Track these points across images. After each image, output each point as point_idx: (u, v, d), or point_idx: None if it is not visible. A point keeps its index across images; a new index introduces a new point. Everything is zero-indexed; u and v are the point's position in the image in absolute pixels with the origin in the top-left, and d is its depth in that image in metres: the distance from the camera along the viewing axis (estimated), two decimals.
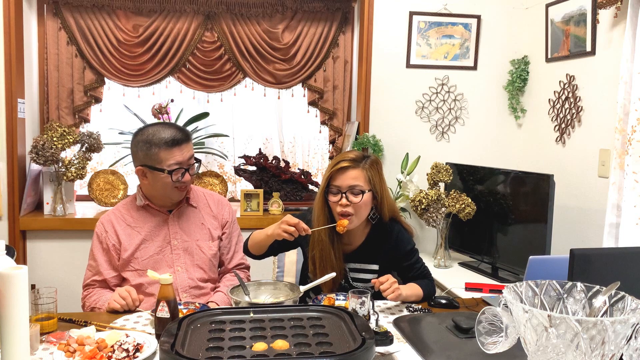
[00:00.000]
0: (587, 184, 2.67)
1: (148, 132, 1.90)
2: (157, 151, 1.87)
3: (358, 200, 1.87)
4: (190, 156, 1.94)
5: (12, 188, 2.88)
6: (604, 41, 2.56)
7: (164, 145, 1.87)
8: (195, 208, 2.05)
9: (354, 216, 1.88)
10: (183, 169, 1.91)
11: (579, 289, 1.13)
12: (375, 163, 1.95)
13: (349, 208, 1.87)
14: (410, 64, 3.20)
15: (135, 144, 1.92)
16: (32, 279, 2.90)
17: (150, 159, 1.89)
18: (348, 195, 1.86)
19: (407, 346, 1.52)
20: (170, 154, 1.88)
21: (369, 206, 1.93)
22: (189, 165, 1.93)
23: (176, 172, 1.90)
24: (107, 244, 1.94)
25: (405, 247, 2.00)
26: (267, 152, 3.42)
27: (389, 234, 1.99)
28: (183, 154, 1.90)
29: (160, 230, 1.98)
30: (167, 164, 1.88)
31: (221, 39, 3.25)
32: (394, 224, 2.01)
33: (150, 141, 1.88)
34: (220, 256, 2.09)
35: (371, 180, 1.90)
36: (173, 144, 1.88)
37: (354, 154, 1.94)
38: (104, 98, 3.27)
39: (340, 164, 1.90)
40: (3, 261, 1.35)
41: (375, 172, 1.92)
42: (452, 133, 3.29)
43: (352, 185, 1.87)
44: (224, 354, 1.26)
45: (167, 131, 1.90)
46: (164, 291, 1.54)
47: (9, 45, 2.82)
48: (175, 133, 1.90)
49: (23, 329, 1.28)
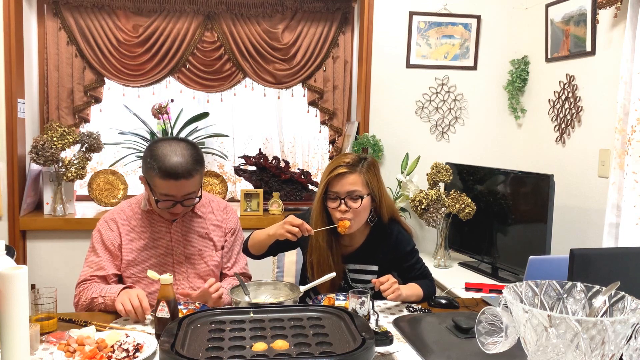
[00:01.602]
0: (587, 184, 2.67)
1: (159, 151, 1.79)
2: (154, 175, 1.78)
3: (357, 205, 1.85)
4: (188, 192, 1.81)
5: (12, 188, 2.88)
6: (604, 41, 2.56)
7: (161, 173, 1.76)
8: (199, 217, 1.99)
9: (353, 221, 1.86)
10: (173, 201, 1.81)
11: (579, 289, 1.13)
12: (372, 165, 1.93)
13: (348, 214, 1.85)
14: (410, 64, 3.20)
15: (146, 153, 1.84)
16: (32, 279, 2.90)
17: (149, 177, 1.81)
18: (347, 201, 1.85)
19: (407, 346, 1.52)
20: (165, 184, 1.77)
21: (368, 210, 1.91)
22: (183, 199, 1.82)
23: (164, 202, 1.81)
24: (111, 243, 1.90)
25: (405, 248, 1.99)
26: (267, 152, 3.42)
27: (389, 234, 1.98)
28: (178, 188, 1.78)
29: (162, 238, 1.93)
30: (158, 191, 1.80)
31: (221, 39, 3.25)
32: (393, 224, 2.00)
33: (153, 161, 1.78)
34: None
35: (369, 183, 1.88)
36: (170, 177, 1.76)
37: (350, 158, 1.91)
38: (104, 98, 3.27)
39: (337, 169, 1.87)
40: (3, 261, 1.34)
41: (372, 174, 1.90)
42: (452, 133, 3.29)
43: (350, 191, 1.85)
44: (224, 354, 1.26)
45: (173, 160, 1.76)
46: (164, 291, 1.54)
47: (9, 45, 2.82)
48: (179, 166, 1.75)
49: (23, 329, 1.28)
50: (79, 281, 1.89)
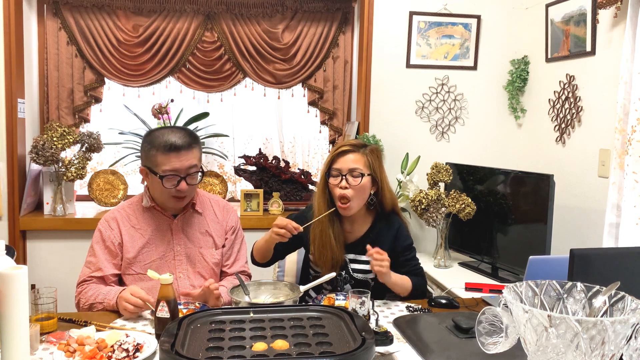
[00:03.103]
0: (587, 184, 2.67)
1: (155, 133, 1.87)
2: (154, 154, 1.83)
3: (357, 182, 1.92)
4: (190, 165, 1.84)
5: (12, 188, 2.88)
6: (604, 41, 2.56)
7: (162, 149, 1.81)
8: (200, 215, 2.00)
9: (353, 200, 1.93)
10: (178, 177, 1.83)
11: (579, 289, 1.13)
12: (375, 150, 2.03)
13: (348, 191, 1.92)
14: (410, 64, 3.20)
15: (142, 143, 1.92)
16: (32, 279, 2.90)
17: (150, 160, 1.85)
18: (348, 177, 1.93)
19: (407, 346, 1.53)
20: (166, 159, 1.81)
21: (367, 191, 1.98)
22: (187, 174, 1.84)
23: (169, 179, 1.82)
24: (111, 242, 1.91)
25: (405, 241, 2.04)
26: (267, 152, 3.42)
27: (391, 225, 2.04)
28: (181, 161, 1.82)
29: (163, 235, 1.95)
30: (161, 168, 1.82)
31: (221, 39, 3.25)
32: (395, 216, 2.06)
33: (152, 142, 1.84)
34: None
35: (371, 165, 1.97)
36: (170, 149, 1.80)
37: (354, 141, 2.05)
38: (104, 98, 3.27)
39: (341, 148, 1.98)
40: (3, 261, 1.35)
41: (375, 158, 2.00)
42: (452, 133, 3.29)
43: (352, 168, 1.93)
44: (224, 354, 1.26)
45: (170, 135, 1.83)
46: (164, 291, 1.54)
47: (9, 45, 2.82)
48: (177, 138, 1.82)
49: (23, 329, 1.28)
50: (78, 281, 1.92)
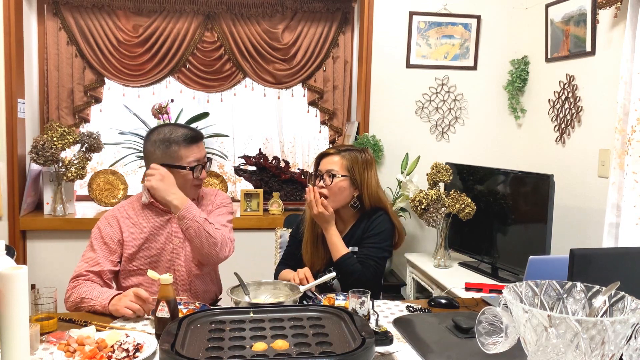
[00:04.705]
0: (587, 184, 2.67)
1: (164, 131, 1.96)
2: (177, 149, 1.93)
3: (329, 183, 2.03)
4: (205, 154, 2.03)
5: (12, 188, 2.88)
6: (603, 41, 2.55)
7: (184, 142, 1.93)
8: (199, 205, 2.05)
9: (329, 199, 2.03)
10: (201, 165, 1.99)
11: (579, 289, 1.13)
12: (360, 156, 2.08)
13: (324, 190, 2.03)
14: (410, 64, 3.20)
15: (152, 144, 1.95)
16: (32, 279, 2.90)
17: (170, 157, 1.93)
18: (325, 177, 2.05)
19: (407, 346, 1.52)
20: (190, 151, 1.95)
21: (344, 192, 2.05)
22: (204, 163, 2.01)
23: (197, 169, 1.97)
24: (110, 238, 1.92)
25: (374, 229, 2.06)
26: (267, 152, 3.42)
27: (370, 217, 2.08)
28: (200, 151, 1.99)
29: (163, 229, 1.98)
30: (187, 160, 1.94)
31: (221, 39, 3.25)
32: (378, 211, 2.09)
33: (169, 139, 1.93)
34: None
35: (349, 168, 2.05)
36: (192, 141, 1.95)
37: (342, 145, 2.14)
38: (104, 98, 3.27)
39: (325, 151, 2.14)
40: (3, 261, 1.34)
41: (356, 163, 2.06)
42: (452, 133, 3.29)
43: (329, 169, 2.05)
44: (224, 354, 1.26)
45: (183, 130, 1.97)
46: (164, 291, 1.54)
47: (9, 45, 2.82)
48: (190, 131, 1.98)
49: (23, 329, 1.28)
50: (73, 276, 1.88)
